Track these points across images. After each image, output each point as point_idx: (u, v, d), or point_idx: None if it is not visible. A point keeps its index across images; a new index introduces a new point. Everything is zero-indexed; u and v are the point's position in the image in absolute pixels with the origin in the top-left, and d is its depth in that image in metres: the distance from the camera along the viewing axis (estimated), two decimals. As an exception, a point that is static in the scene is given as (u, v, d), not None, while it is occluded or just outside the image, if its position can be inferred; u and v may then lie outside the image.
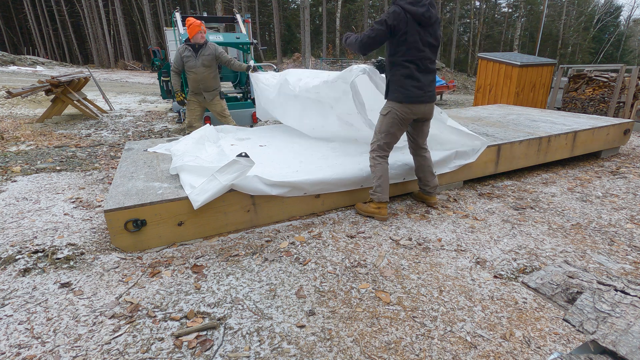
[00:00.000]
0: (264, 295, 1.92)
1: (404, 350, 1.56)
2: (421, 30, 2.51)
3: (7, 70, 18.12)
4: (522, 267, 2.19)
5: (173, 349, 1.56)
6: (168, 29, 9.00)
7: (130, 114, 8.61)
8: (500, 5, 40.66)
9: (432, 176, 2.97)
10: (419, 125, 2.89)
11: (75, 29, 34.75)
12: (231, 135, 4.05)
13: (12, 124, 6.50)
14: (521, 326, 1.70)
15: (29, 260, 2.18)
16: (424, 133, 2.93)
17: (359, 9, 36.45)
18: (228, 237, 2.57)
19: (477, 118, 5.08)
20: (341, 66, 26.27)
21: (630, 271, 2.15)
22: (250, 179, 2.54)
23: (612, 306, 0.82)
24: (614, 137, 4.54)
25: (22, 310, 1.78)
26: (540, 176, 3.95)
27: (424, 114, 2.79)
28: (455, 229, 2.70)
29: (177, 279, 2.06)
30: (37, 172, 3.92)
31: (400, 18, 2.44)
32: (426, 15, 2.47)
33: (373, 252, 2.36)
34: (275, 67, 4.64)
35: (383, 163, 2.78)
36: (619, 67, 7.09)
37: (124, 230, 2.31)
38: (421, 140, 2.94)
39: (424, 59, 2.61)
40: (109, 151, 5.03)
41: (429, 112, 2.81)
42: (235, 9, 17.83)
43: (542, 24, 21.39)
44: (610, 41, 40.24)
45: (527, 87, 8.01)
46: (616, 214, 2.96)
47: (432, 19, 2.51)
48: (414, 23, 2.47)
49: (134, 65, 30.18)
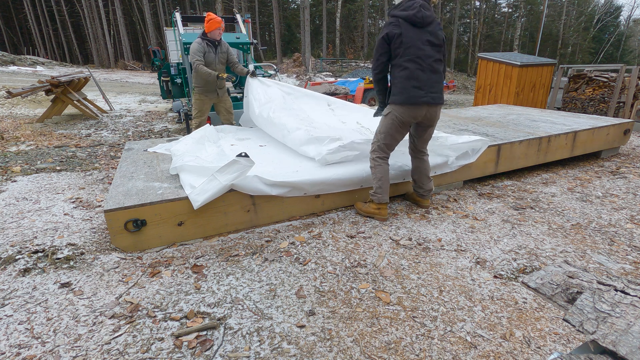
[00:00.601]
0: (264, 295, 1.92)
1: (404, 350, 1.56)
2: (417, 30, 2.52)
3: (7, 70, 18.12)
4: (522, 267, 2.19)
5: (173, 349, 1.56)
6: (168, 29, 9.00)
7: (130, 114, 8.61)
8: (500, 5, 40.70)
9: (427, 180, 2.95)
10: (420, 130, 2.80)
11: (75, 29, 34.75)
12: (231, 135, 4.05)
13: (12, 124, 6.50)
14: (521, 326, 1.70)
15: (29, 260, 2.18)
16: (424, 139, 2.85)
17: (359, 9, 36.46)
18: (228, 237, 2.57)
19: (477, 118, 5.08)
20: (341, 66, 26.26)
21: (630, 271, 2.15)
22: (250, 179, 2.54)
23: (612, 306, 0.82)
24: (614, 137, 4.54)
25: (22, 310, 1.78)
26: (540, 176, 3.95)
27: (427, 117, 2.66)
28: (455, 229, 2.70)
29: (177, 279, 2.06)
30: (37, 172, 3.92)
31: (393, 24, 2.52)
32: (418, 16, 2.48)
33: (373, 252, 2.36)
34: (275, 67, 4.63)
35: (383, 164, 2.76)
36: (619, 67, 7.10)
37: (124, 230, 2.31)
38: (421, 145, 2.88)
39: (425, 57, 2.54)
40: (109, 151, 5.03)
41: (432, 116, 2.67)
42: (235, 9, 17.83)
43: (542, 24, 21.39)
44: (610, 41, 40.24)
45: (527, 87, 8.01)
46: (616, 214, 2.96)
47: (426, 19, 2.51)
48: (407, 24, 2.51)
49: (134, 65, 30.18)
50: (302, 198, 2.83)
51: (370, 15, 39.83)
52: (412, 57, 2.52)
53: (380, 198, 2.75)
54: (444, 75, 2.72)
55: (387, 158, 2.80)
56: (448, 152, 3.32)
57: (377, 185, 2.75)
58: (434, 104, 2.62)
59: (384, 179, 2.74)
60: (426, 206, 3.05)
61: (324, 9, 33.76)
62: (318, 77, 19.47)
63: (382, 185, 2.74)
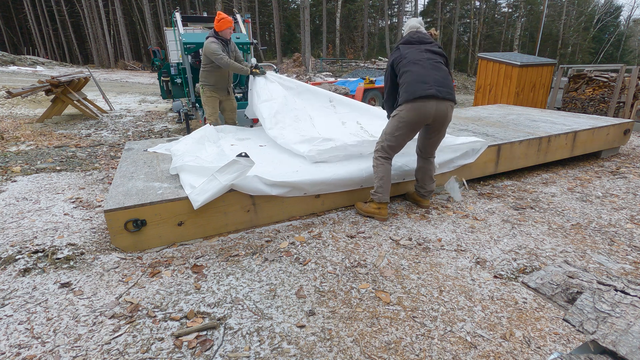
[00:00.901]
0: (264, 295, 1.92)
1: (404, 350, 1.56)
2: (416, 46, 2.70)
3: (7, 70, 18.12)
4: (522, 267, 2.19)
5: (173, 349, 1.56)
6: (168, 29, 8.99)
7: (130, 114, 8.61)
8: (500, 5, 40.66)
9: (430, 180, 2.95)
10: (430, 133, 2.75)
11: (75, 29, 34.75)
12: (231, 135, 4.05)
13: (12, 124, 6.50)
14: (521, 326, 1.70)
15: (29, 260, 2.18)
16: (433, 143, 2.82)
17: (359, 9, 36.46)
18: (228, 237, 2.57)
19: (477, 118, 5.08)
20: (341, 66, 26.25)
21: (630, 271, 2.15)
22: (250, 179, 2.54)
23: (612, 306, 0.82)
24: (614, 137, 4.54)
25: (22, 310, 1.78)
26: (540, 176, 3.95)
27: (437, 116, 2.57)
28: (455, 229, 2.70)
29: (177, 279, 2.06)
30: (37, 172, 3.92)
31: (395, 51, 2.76)
32: (414, 37, 2.73)
33: (373, 252, 2.36)
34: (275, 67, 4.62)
35: (385, 164, 2.76)
36: (619, 67, 7.10)
37: (124, 230, 2.31)
38: (430, 150, 2.87)
39: (426, 59, 2.60)
40: (109, 151, 5.03)
41: (441, 113, 2.57)
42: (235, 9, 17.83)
43: (542, 24, 21.38)
44: (610, 41, 40.23)
45: (527, 87, 8.01)
46: (616, 214, 2.96)
47: (422, 38, 2.72)
48: (406, 46, 2.72)
49: (134, 65, 30.18)
50: (302, 198, 2.83)
51: (370, 15, 39.84)
52: (413, 60, 2.61)
53: (380, 197, 2.75)
54: (451, 76, 2.72)
55: (390, 159, 2.80)
56: (447, 152, 3.32)
57: (378, 184, 2.75)
58: (442, 98, 2.53)
59: (386, 179, 2.74)
60: (426, 206, 3.05)
61: (324, 9, 33.76)
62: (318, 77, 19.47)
63: (383, 185, 2.74)
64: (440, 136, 2.79)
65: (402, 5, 37.07)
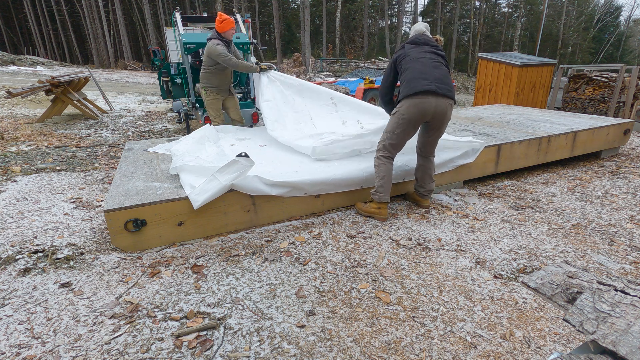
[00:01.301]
0: (264, 295, 1.92)
1: (404, 350, 1.56)
2: (419, 46, 2.78)
3: (7, 70, 18.12)
4: (522, 267, 2.19)
5: (173, 349, 1.56)
6: (168, 29, 8.98)
7: (130, 114, 8.61)
8: (500, 5, 40.67)
9: (430, 180, 2.95)
10: (429, 131, 2.78)
11: (75, 29, 34.74)
12: (231, 135, 4.05)
13: (12, 124, 6.50)
14: (521, 326, 1.70)
15: (29, 260, 2.18)
16: (432, 141, 2.85)
17: (359, 9, 36.45)
18: (228, 237, 2.57)
19: (477, 118, 5.08)
20: (341, 66, 26.25)
21: (630, 271, 2.15)
22: (250, 179, 2.54)
23: (612, 306, 0.82)
24: (614, 137, 4.54)
25: (22, 310, 1.78)
26: (540, 176, 3.95)
27: (436, 114, 2.61)
28: (455, 229, 2.70)
29: (177, 279, 2.06)
30: (37, 172, 3.92)
31: (399, 50, 2.86)
32: (421, 39, 2.82)
33: (373, 252, 2.36)
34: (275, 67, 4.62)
35: (387, 163, 2.76)
36: (619, 67, 7.10)
37: (124, 230, 2.31)
38: (429, 148, 2.89)
39: (426, 58, 2.67)
40: (109, 151, 5.03)
41: (440, 110, 2.61)
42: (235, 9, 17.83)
43: (542, 24, 21.38)
44: (610, 41, 40.23)
45: (527, 87, 8.01)
46: (616, 214, 2.96)
47: (427, 41, 2.80)
48: (410, 45, 2.82)
49: (134, 65, 30.17)
50: (302, 198, 2.83)
51: (370, 15, 39.84)
52: (414, 58, 2.68)
53: (381, 197, 2.75)
54: (450, 75, 2.77)
55: (392, 158, 2.80)
56: (446, 152, 3.32)
57: (379, 184, 2.75)
58: (441, 95, 2.57)
59: (386, 179, 2.75)
60: (426, 206, 3.05)
61: (324, 9, 33.75)
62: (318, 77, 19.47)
63: (384, 185, 2.74)
64: (440, 134, 2.83)
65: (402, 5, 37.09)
